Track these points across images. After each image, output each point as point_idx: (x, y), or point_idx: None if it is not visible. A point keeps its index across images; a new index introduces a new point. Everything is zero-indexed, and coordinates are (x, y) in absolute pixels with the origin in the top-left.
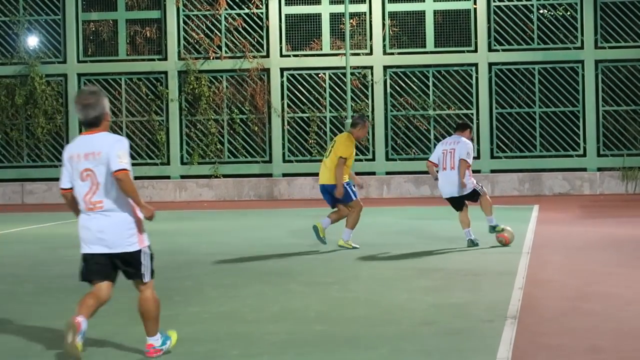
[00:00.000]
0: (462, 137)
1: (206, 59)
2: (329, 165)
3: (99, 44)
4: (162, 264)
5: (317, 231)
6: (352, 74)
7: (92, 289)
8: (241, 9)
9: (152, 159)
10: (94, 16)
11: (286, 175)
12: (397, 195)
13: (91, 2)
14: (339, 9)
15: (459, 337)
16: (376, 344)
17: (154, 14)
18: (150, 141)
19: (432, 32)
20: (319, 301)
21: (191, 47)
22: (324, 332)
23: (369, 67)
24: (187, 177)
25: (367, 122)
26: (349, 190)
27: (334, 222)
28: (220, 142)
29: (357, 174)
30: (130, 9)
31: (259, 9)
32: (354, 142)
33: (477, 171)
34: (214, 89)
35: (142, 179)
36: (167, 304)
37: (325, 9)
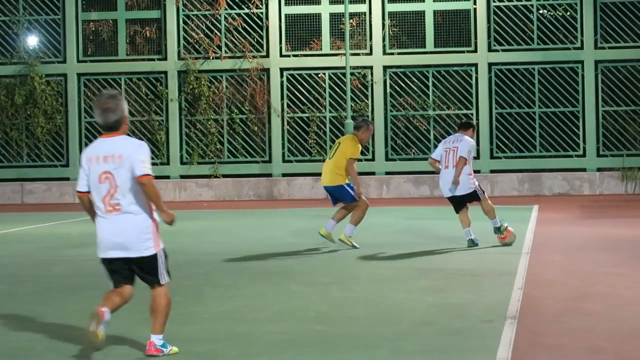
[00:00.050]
0: (465, 136)
1: (206, 58)
2: (332, 167)
3: (98, 43)
4: None
5: (324, 237)
6: (352, 74)
7: (116, 288)
8: (241, 8)
9: (151, 159)
10: (94, 16)
11: (286, 175)
12: (396, 195)
13: (91, 1)
14: (338, 9)
15: (459, 337)
16: (376, 343)
17: (154, 14)
18: (150, 141)
19: (431, 32)
20: (318, 301)
21: (191, 47)
22: (323, 332)
23: (369, 67)
24: (186, 177)
25: (371, 126)
26: (349, 190)
27: (339, 221)
28: (220, 142)
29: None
30: (130, 8)
31: (258, 8)
32: (359, 144)
33: (477, 171)
34: (213, 88)
35: None
36: None
37: (325, 9)
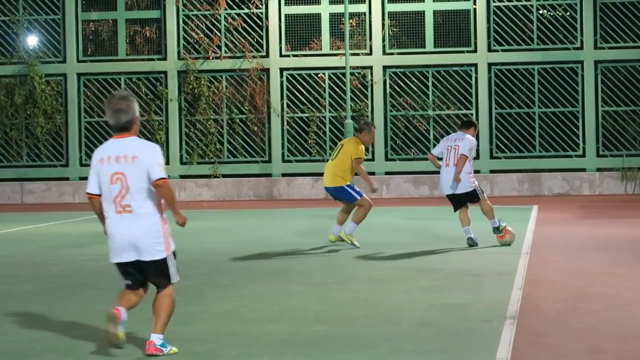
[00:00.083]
0: (467, 135)
1: (206, 58)
2: (333, 168)
3: (98, 43)
4: None
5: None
6: (352, 74)
7: (132, 289)
8: (241, 8)
9: None
10: (94, 16)
11: (285, 175)
12: (396, 195)
13: (91, 1)
14: (338, 9)
15: (459, 337)
16: (376, 344)
17: (154, 14)
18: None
19: (431, 32)
20: (318, 301)
21: (191, 47)
22: (323, 332)
23: (369, 67)
24: (186, 177)
25: (373, 128)
26: (350, 191)
27: (343, 223)
28: (219, 142)
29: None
30: (130, 8)
31: (258, 8)
32: (362, 145)
33: (477, 171)
34: (213, 88)
35: None
36: None
37: (324, 9)
